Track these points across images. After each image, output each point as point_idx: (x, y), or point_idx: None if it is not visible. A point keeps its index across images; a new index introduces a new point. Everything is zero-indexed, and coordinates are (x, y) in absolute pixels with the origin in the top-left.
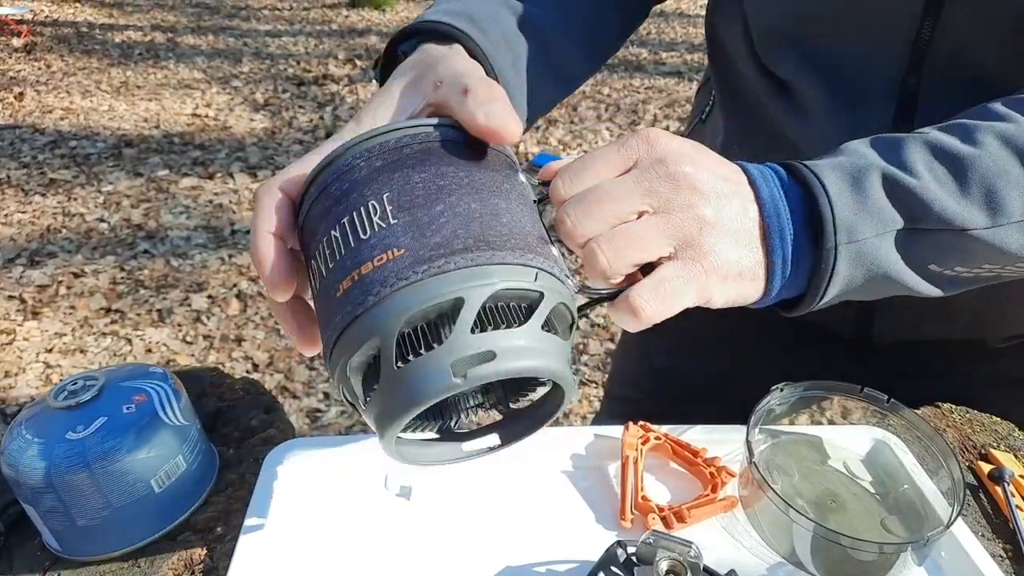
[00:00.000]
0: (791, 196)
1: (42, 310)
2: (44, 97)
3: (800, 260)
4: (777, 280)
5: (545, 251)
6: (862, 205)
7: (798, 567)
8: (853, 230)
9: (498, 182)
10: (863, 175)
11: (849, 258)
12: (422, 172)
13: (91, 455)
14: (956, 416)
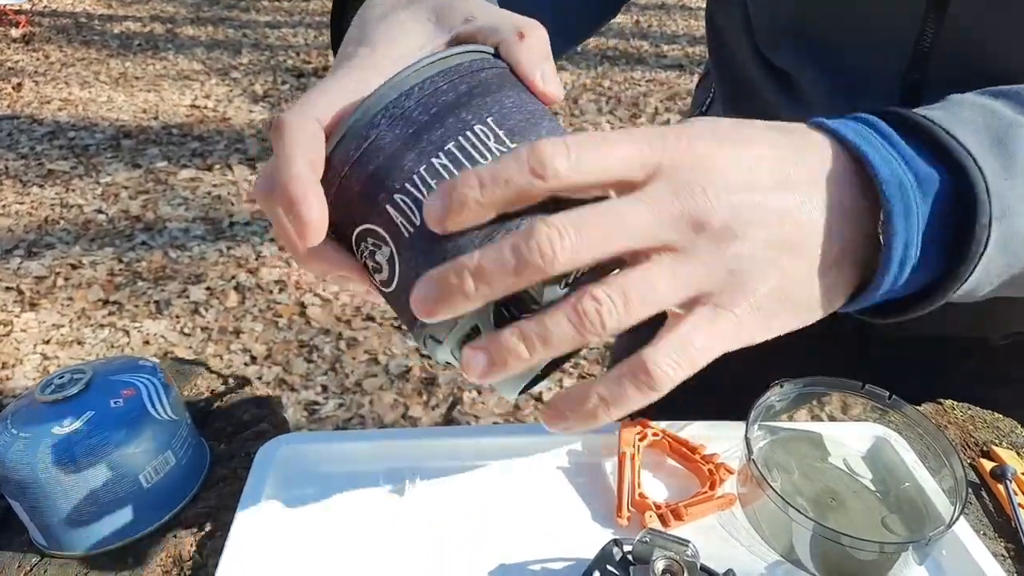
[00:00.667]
0: (910, 159)
1: (40, 301)
2: (42, 88)
3: (929, 251)
4: (889, 276)
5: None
6: (1012, 168)
7: (797, 566)
8: (1004, 200)
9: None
10: (1006, 132)
11: (999, 239)
12: (509, 97)
13: (78, 450)
14: (958, 413)
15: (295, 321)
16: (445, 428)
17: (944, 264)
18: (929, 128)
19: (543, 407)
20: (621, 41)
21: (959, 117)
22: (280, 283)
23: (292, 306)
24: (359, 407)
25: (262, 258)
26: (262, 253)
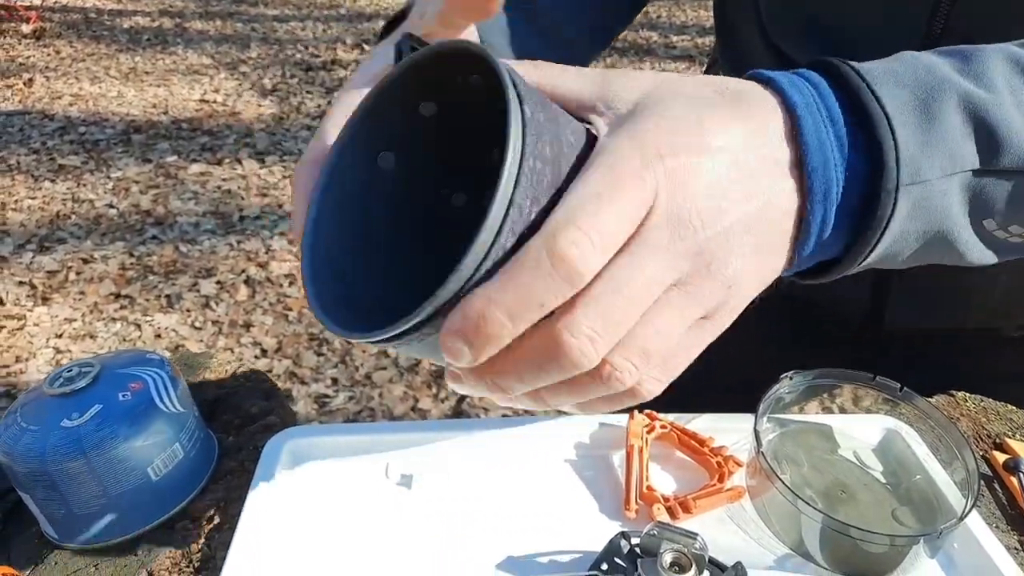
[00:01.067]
0: (835, 120)
1: (52, 295)
2: (53, 83)
3: (845, 209)
4: (811, 242)
5: None
6: (930, 136)
7: (806, 559)
8: (918, 167)
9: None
10: (933, 95)
11: (909, 204)
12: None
13: (87, 443)
14: (970, 405)
15: (305, 314)
16: (452, 421)
17: (856, 229)
18: (856, 86)
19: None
20: (630, 32)
21: (894, 74)
22: (290, 276)
23: (302, 299)
24: (369, 400)
25: (272, 252)
26: (272, 247)
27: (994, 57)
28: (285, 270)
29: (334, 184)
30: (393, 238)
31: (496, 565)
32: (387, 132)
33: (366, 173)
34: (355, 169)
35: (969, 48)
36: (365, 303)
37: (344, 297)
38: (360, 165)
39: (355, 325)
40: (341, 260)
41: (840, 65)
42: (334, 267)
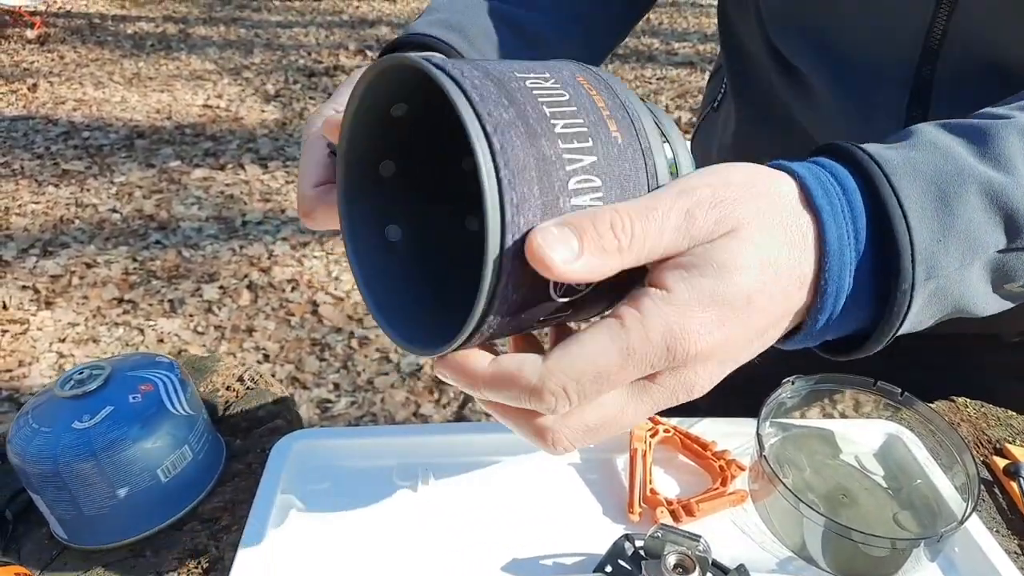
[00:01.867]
0: (856, 221)
1: (55, 300)
2: (57, 88)
3: (859, 297)
4: (813, 335)
5: None
6: (948, 228)
7: (808, 562)
8: (934, 264)
9: None
10: (953, 188)
11: (925, 297)
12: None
13: (97, 444)
14: (970, 410)
15: (307, 319)
16: (458, 424)
17: (872, 317)
18: (877, 181)
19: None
20: (632, 39)
21: (912, 164)
22: (292, 282)
23: (304, 304)
24: (371, 405)
25: (274, 257)
26: (274, 252)
27: (1011, 135)
28: (287, 275)
29: (359, 252)
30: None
31: (501, 567)
32: (374, 203)
33: (382, 244)
34: (370, 235)
35: (985, 125)
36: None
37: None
38: (372, 234)
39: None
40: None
41: (857, 153)
42: (398, 304)
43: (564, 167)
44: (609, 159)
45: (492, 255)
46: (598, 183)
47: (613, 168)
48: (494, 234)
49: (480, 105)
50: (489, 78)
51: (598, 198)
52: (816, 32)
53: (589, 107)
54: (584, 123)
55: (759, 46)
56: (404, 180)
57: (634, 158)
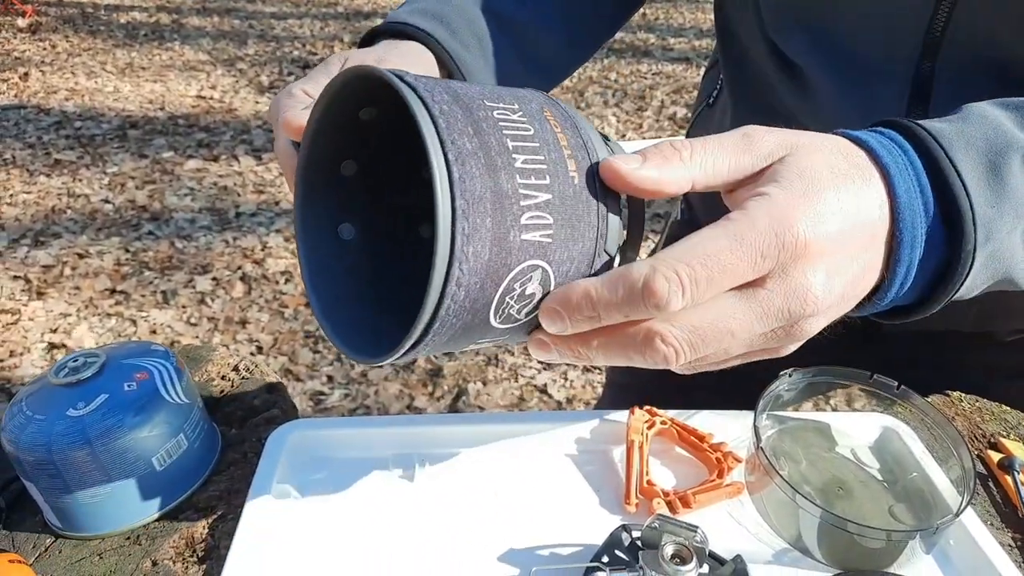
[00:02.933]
0: (923, 189)
1: (47, 290)
2: (49, 77)
3: (923, 269)
4: (890, 294)
5: None
6: (1000, 194)
7: (804, 553)
8: (991, 227)
9: None
10: (1001, 156)
11: (983, 261)
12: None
13: (92, 432)
14: (965, 405)
15: (301, 311)
16: (455, 415)
17: (935, 281)
18: (936, 154)
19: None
20: (627, 34)
21: (965, 136)
22: (286, 273)
23: (298, 296)
24: (364, 397)
25: (268, 249)
26: (268, 244)
27: None
28: (281, 267)
29: (310, 249)
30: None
31: (498, 558)
32: (331, 202)
33: (333, 243)
34: (322, 234)
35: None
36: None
37: (361, 322)
38: (325, 233)
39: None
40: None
41: (914, 127)
42: (343, 302)
43: (519, 202)
44: (564, 199)
45: (438, 281)
46: (549, 220)
47: (566, 207)
48: (442, 260)
49: (445, 132)
50: (458, 103)
51: (548, 235)
52: (816, 28)
53: (552, 144)
54: (545, 160)
55: (757, 42)
56: (364, 180)
57: (588, 200)
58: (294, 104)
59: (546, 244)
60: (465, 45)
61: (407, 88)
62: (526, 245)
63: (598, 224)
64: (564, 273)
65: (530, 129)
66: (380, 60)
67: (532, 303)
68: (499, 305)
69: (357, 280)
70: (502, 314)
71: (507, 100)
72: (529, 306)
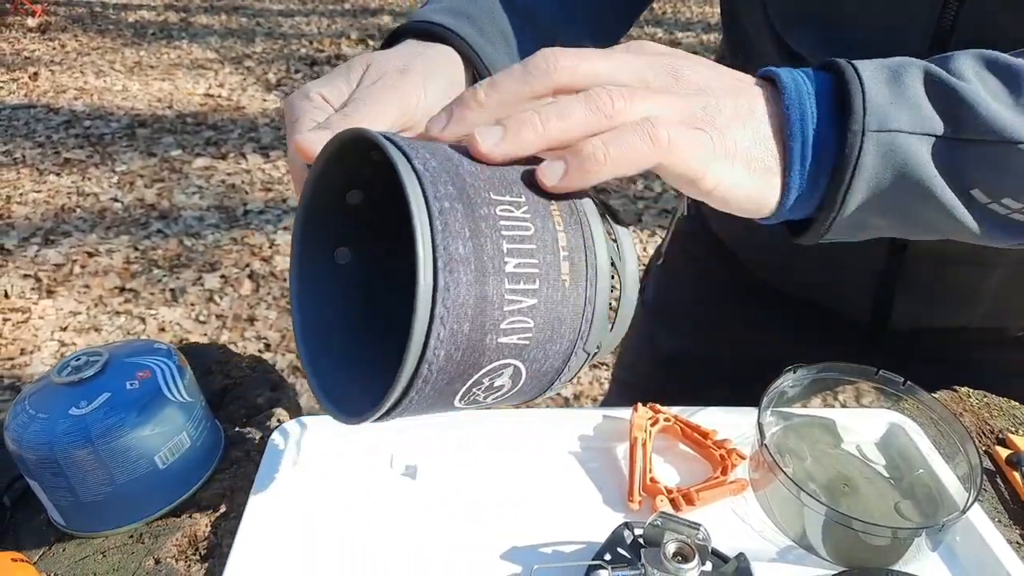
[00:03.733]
0: (819, 81)
1: (57, 289)
2: (58, 77)
3: (822, 153)
4: (795, 174)
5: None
6: (898, 95)
7: (809, 551)
8: (885, 117)
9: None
10: (902, 69)
11: (878, 149)
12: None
13: (94, 431)
14: (973, 400)
15: None
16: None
17: (831, 169)
18: (835, 61)
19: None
20: (635, 28)
21: (877, 61)
22: None
23: None
24: None
25: (276, 246)
26: (276, 241)
27: (965, 56)
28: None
29: (307, 298)
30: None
31: (500, 555)
32: (332, 228)
33: (328, 265)
34: (319, 273)
35: (947, 54)
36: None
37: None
38: (321, 266)
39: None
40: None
41: (832, 60)
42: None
43: (503, 307)
44: (550, 304)
45: (405, 375)
46: (530, 324)
47: (551, 312)
48: (413, 357)
49: (440, 236)
50: (462, 198)
51: (526, 339)
52: (823, 23)
53: (550, 246)
54: (538, 264)
55: (764, 37)
56: (367, 210)
57: (575, 304)
58: (309, 109)
59: (523, 346)
60: (492, 42)
61: (411, 175)
62: (502, 347)
63: (580, 326)
64: (537, 370)
65: (530, 229)
66: (405, 67)
67: (501, 392)
68: (465, 394)
69: (347, 303)
70: (467, 400)
71: (515, 190)
72: (497, 394)
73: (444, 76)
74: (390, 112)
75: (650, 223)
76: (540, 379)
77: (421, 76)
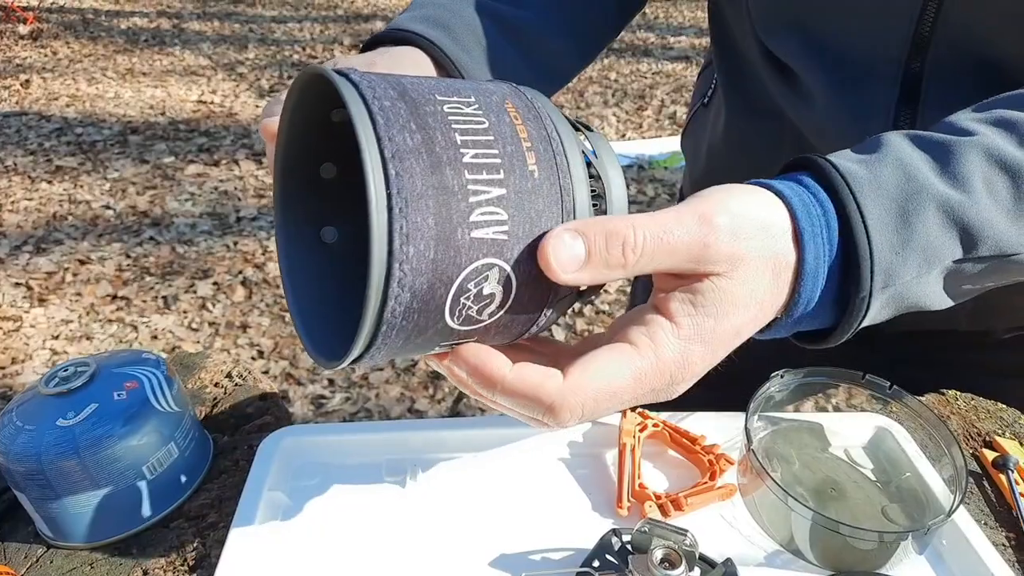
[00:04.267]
0: (829, 228)
1: (48, 297)
2: (50, 84)
3: (823, 303)
4: (789, 323)
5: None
6: (907, 243)
7: (797, 556)
8: (892, 273)
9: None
10: (913, 205)
11: (882, 301)
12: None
13: (81, 442)
14: (960, 403)
15: None
16: (446, 420)
17: (835, 318)
18: (845, 200)
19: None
20: (627, 33)
21: (877, 181)
22: None
23: None
24: (365, 400)
25: (269, 253)
26: (269, 248)
27: (971, 154)
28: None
29: (290, 252)
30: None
31: (489, 563)
32: (312, 206)
33: (315, 246)
34: (303, 237)
35: (949, 142)
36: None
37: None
38: (307, 236)
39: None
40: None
41: (830, 171)
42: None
43: (467, 198)
44: (521, 193)
45: (377, 283)
46: (503, 216)
47: (524, 203)
48: (379, 261)
49: (383, 128)
50: (404, 99)
51: (502, 231)
52: (805, 30)
53: (509, 137)
54: (499, 154)
55: (750, 43)
56: (346, 181)
57: (550, 194)
58: (280, 101)
59: (501, 241)
60: (466, 49)
61: (347, 84)
62: (477, 242)
63: (562, 218)
64: (526, 272)
65: (484, 122)
66: (370, 64)
67: (494, 303)
68: (454, 306)
69: (340, 282)
70: (460, 316)
71: (464, 93)
72: (492, 306)
73: (414, 72)
74: None
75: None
76: (535, 288)
77: (386, 69)
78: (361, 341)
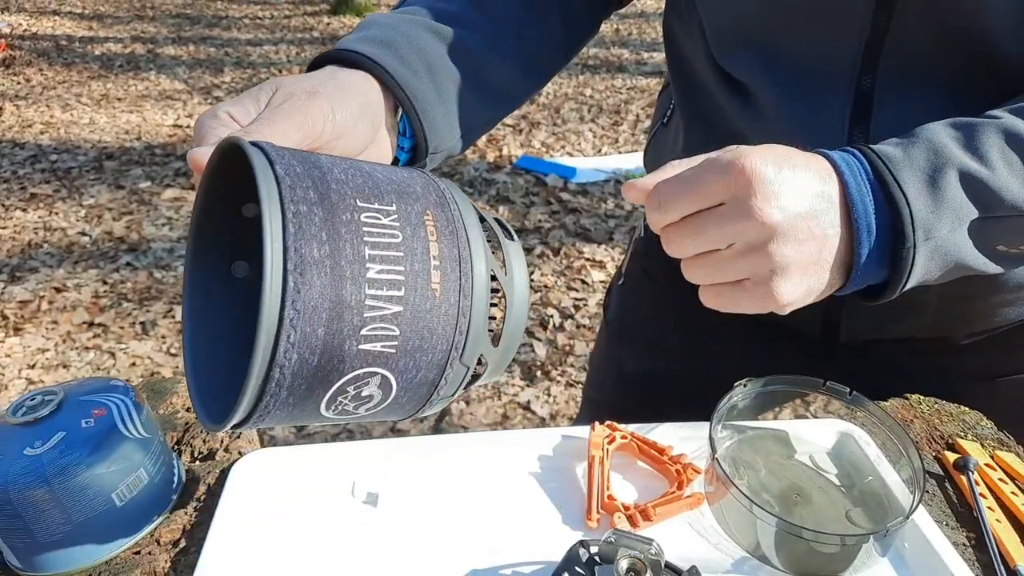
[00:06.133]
0: (875, 195)
1: (24, 326)
2: (24, 111)
3: (882, 255)
4: (859, 273)
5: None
6: (938, 203)
7: (763, 562)
8: (930, 228)
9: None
10: (939, 173)
11: (926, 254)
12: (336, 170)
13: (49, 471)
14: (924, 407)
15: None
16: (416, 438)
17: (887, 274)
18: (885, 175)
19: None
20: (601, 50)
21: (909, 158)
22: None
23: None
24: None
25: None
26: None
27: (991, 132)
28: None
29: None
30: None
31: None
32: (227, 240)
33: (225, 286)
34: (213, 271)
35: (975, 122)
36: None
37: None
38: (215, 276)
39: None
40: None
41: (869, 152)
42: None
43: (363, 313)
44: (417, 312)
45: (255, 383)
46: (395, 332)
47: (418, 321)
48: (260, 368)
49: (291, 238)
50: (323, 203)
51: (391, 346)
52: (758, 49)
53: (419, 254)
54: (404, 271)
55: (704, 63)
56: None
57: (447, 313)
58: (216, 127)
59: (388, 354)
60: (414, 72)
61: (271, 180)
62: (364, 354)
63: (454, 338)
64: (409, 380)
65: (398, 236)
66: (313, 91)
67: (372, 403)
68: (331, 402)
69: (240, 315)
70: (335, 409)
71: (386, 199)
72: (367, 405)
73: (355, 100)
74: (292, 133)
75: (621, 241)
76: (415, 391)
77: (329, 100)
78: (230, 423)
